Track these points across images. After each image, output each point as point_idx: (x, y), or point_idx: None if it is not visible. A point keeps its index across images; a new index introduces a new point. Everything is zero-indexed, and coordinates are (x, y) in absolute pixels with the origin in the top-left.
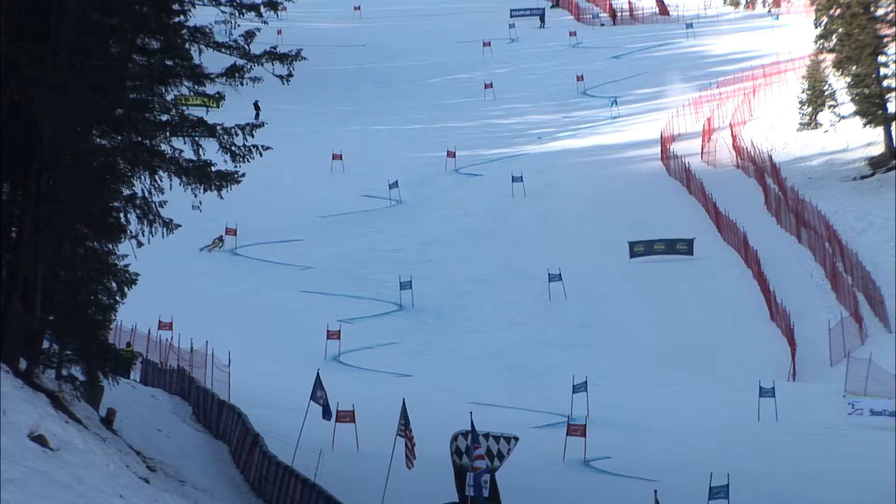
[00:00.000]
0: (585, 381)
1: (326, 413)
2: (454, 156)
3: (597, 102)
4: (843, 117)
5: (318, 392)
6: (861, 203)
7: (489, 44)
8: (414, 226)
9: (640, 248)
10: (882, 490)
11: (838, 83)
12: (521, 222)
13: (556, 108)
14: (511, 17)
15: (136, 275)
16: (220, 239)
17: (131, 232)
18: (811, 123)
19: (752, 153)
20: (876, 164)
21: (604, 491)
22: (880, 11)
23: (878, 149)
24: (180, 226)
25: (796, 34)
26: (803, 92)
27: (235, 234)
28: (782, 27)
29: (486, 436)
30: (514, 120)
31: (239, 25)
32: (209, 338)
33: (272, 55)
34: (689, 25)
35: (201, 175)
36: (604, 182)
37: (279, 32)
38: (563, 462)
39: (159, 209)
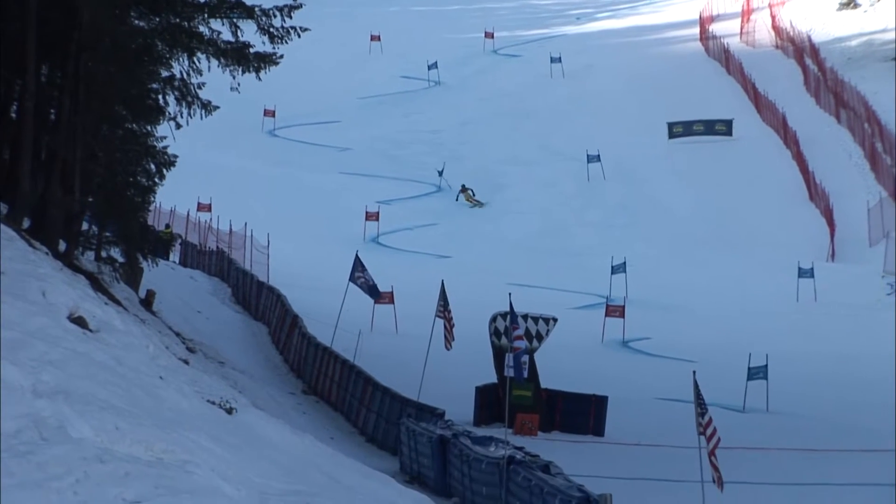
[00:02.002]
0: (624, 262)
1: (374, 292)
2: (492, 37)
3: None
4: None
5: (357, 273)
6: None
7: None
8: (452, 107)
9: (678, 129)
10: None
11: None
12: (560, 103)
13: None
14: None
15: (175, 156)
16: (465, 189)
17: (170, 114)
18: (850, 3)
19: (791, 33)
20: None
21: (642, 371)
22: None
23: None
24: (219, 107)
25: None
26: None
27: (274, 116)
28: None
29: (525, 317)
30: (553, 0)
31: None
32: (248, 219)
33: None
34: None
35: (239, 56)
36: (642, 63)
37: None
38: (601, 343)
39: (198, 91)
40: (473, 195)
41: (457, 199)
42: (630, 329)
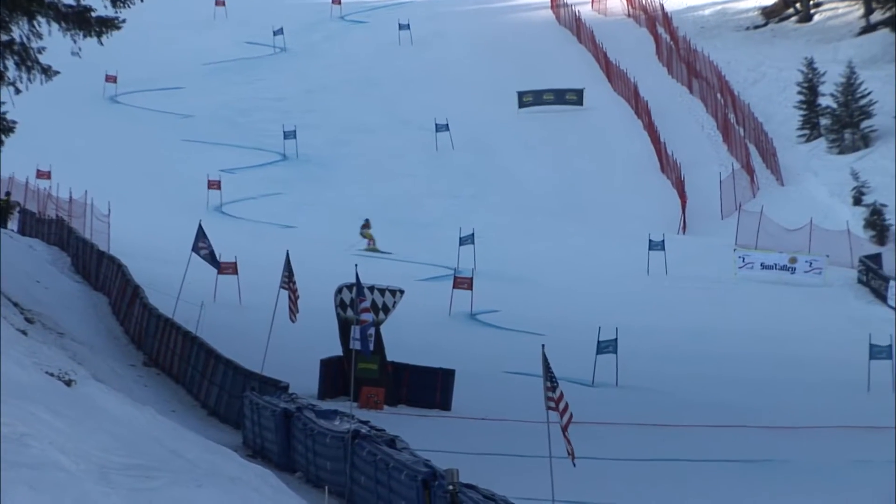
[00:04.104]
0: (472, 234)
1: (216, 263)
2: (340, 3)
3: None
4: None
5: (199, 243)
6: (754, 53)
7: None
8: (298, 74)
9: (528, 98)
10: (768, 344)
11: None
12: (408, 71)
13: None
14: None
15: (14, 122)
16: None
17: (9, 79)
18: None
19: (644, 2)
20: (769, 13)
21: (490, 344)
22: None
23: None
24: (59, 73)
25: None
26: None
27: (115, 82)
28: None
29: (372, 288)
30: None
31: None
32: (88, 188)
33: None
34: None
35: (81, 20)
36: (492, 30)
37: None
38: (449, 315)
39: (38, 55)
40: (373, 242)
41: (360, 234)
42: (478, 301)
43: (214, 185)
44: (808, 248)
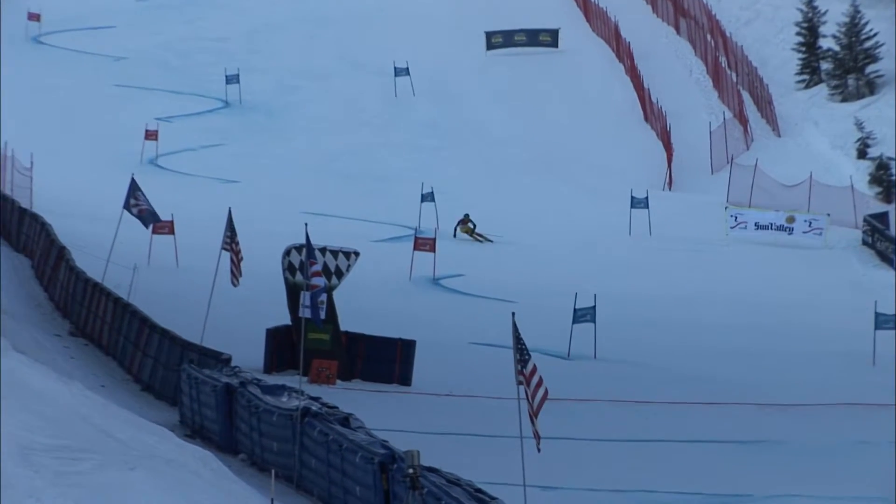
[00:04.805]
0: (433, 191)
1: (151, 221)
2: None
3: None
4: None
5: (132, 199)
6: None
7: None
8: (241, 12)
9: (498, 39)
10: (762, 312)
11: None
12: (364, 9)
13: None
14: None
15: None
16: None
17: None
18: None
19: None
20: None
21: (455, 312)
22: None
23: None
24: None
25: None
26: None
27: (39, 20)
28: None
29: (324, 250)
30: None
31: None
32: (8, 137)
33: None
34: None
35: None
36: None
37: None
38: (409, 280)
39: None
40: (474, 228)
41: (454, 235)
42: (441, 265)
43: (151, 135)
44: (807, 206)
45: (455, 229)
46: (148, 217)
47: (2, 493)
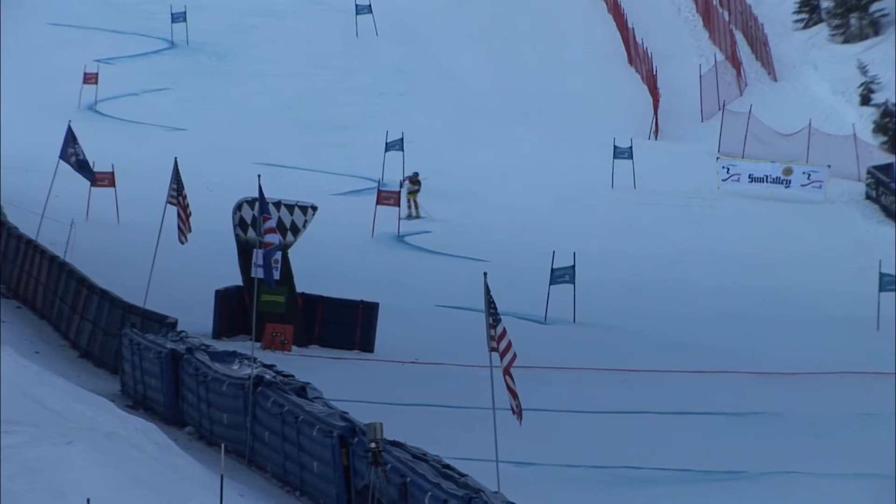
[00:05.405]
0: (401, 139)
1: (89, 172)
2: None
3: None
4: None
5: (69, 149)
6: None
7: None
8: None
9: None
10: (757, 273)
11: None
12: None
13: None
14: None
15: None
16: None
17: None
18: None
19: None
20: None
21: (421, 273)
22: None
23: None
24: None
25: None
26: None
27: None
28: None
29: (278, 204)
30: None
31: None
32: None
33: None
34: None
35: None
36: None
37: None
38: (371, 237)
39: None
40: (418, 191)
41: (400, 186)
42: (406, 221)
43: (90, 78)
44: (805, 157)
45: (400, 186)
46: (85, 170)
47: None
